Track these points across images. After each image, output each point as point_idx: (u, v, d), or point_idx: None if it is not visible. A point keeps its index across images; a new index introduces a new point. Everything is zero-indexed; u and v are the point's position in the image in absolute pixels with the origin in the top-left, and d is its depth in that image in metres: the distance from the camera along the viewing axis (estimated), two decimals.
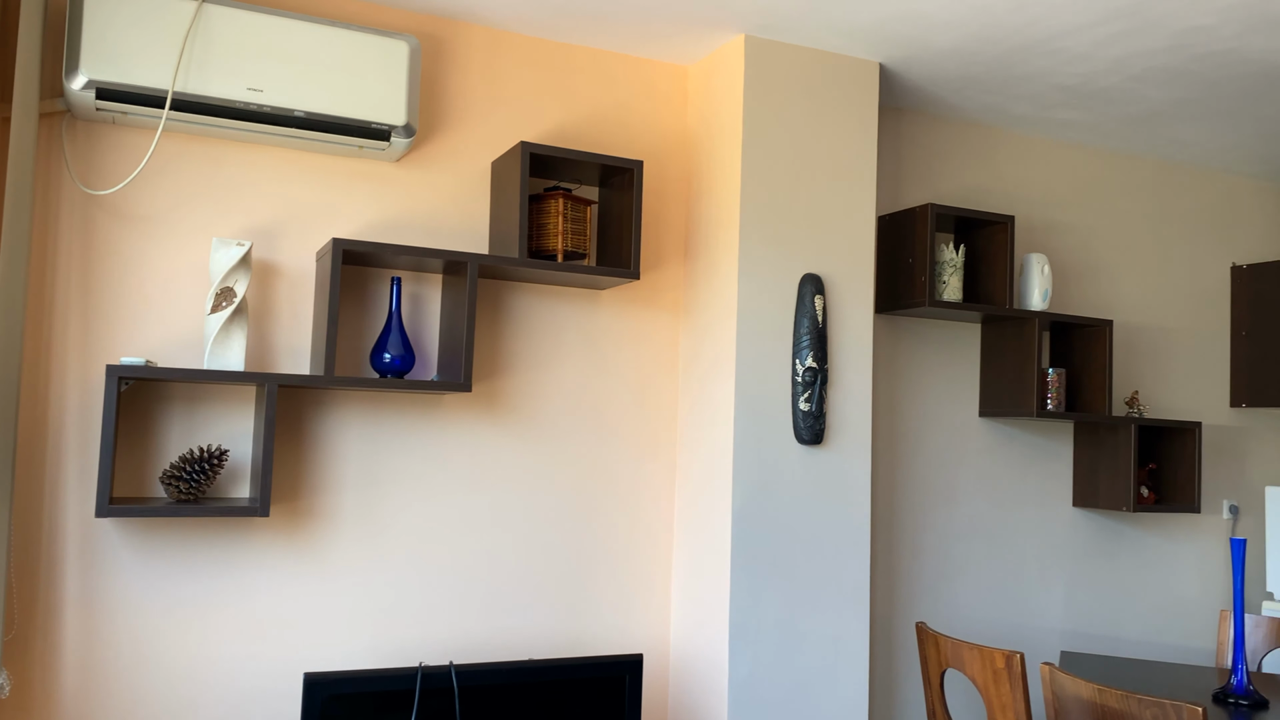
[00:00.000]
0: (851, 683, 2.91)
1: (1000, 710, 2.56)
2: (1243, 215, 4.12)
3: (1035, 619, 3.57)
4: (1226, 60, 2.91)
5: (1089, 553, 3.69)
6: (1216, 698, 2.70)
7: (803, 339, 2.87)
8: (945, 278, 3.25)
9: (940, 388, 3.46)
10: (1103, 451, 3.57)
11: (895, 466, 3.35)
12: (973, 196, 3.54)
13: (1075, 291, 3.72)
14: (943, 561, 3.42)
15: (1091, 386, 3.50)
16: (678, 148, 3.12)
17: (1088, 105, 3.33)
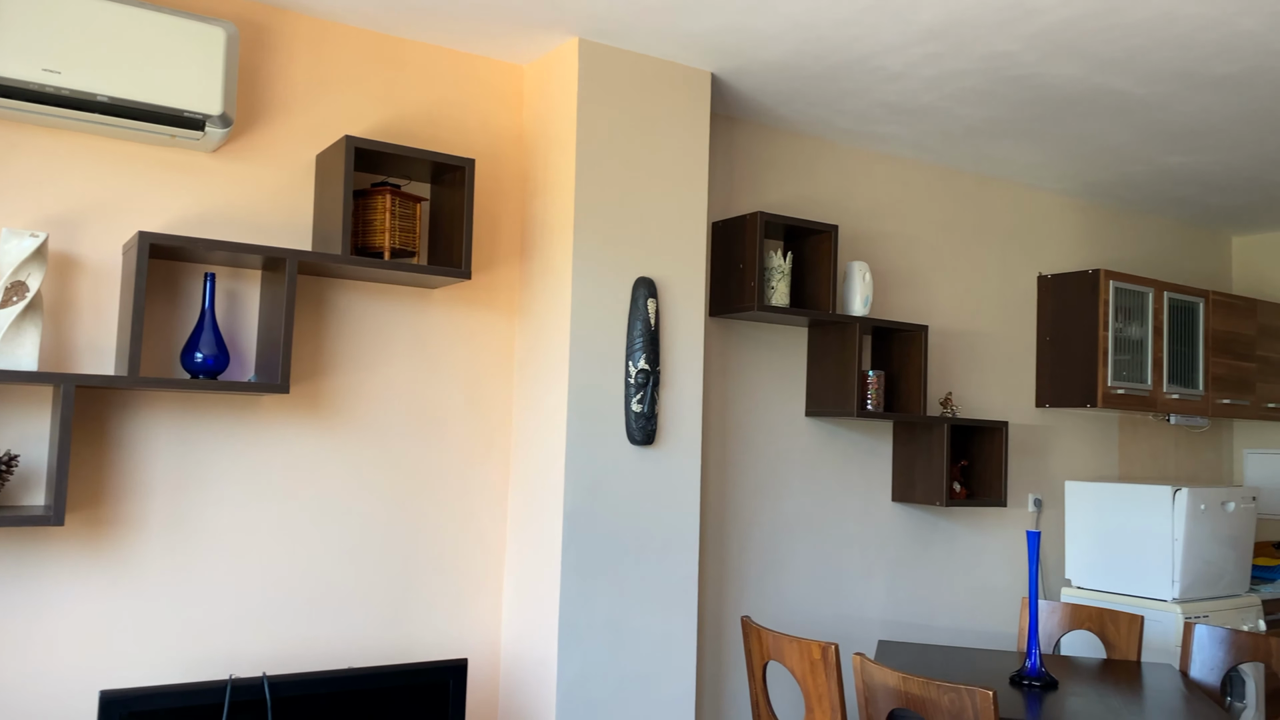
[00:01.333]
0: (679, 679, 2.97)
1: (817, 700, 2.67)
2: (1049, 228, 4.43)
3: (857, 610, 3.74)
4: (1030, 84, 3.11)
5: (907, 545, 3.89)
6: (1013, 680, 2.90)
7: (636, 341, 2.91)
8: (774, 283, 3.36)
9: (770, 388, 3.57)
10: (919, 449, 3.77)
11: (726, 465, 3.44)
12: (801, 205, 3.67)
13: (895, 298, 3.92)
14: (770, 556, 3.54)
15: (909, 388, 3.69)
16: (513, 147, 3.11)
17: (907, 121, 3.50)
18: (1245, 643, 3.08)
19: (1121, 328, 4.18)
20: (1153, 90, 3.12)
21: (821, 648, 2.63)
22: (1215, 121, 3.40)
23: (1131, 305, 4.22)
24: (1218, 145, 3.66)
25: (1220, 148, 3.69)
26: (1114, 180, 4.18)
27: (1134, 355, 4.22)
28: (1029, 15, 2.62)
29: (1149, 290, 4.27)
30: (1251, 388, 4.68)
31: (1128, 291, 4.20)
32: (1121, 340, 4.18)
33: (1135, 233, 4.76)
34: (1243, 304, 4.66)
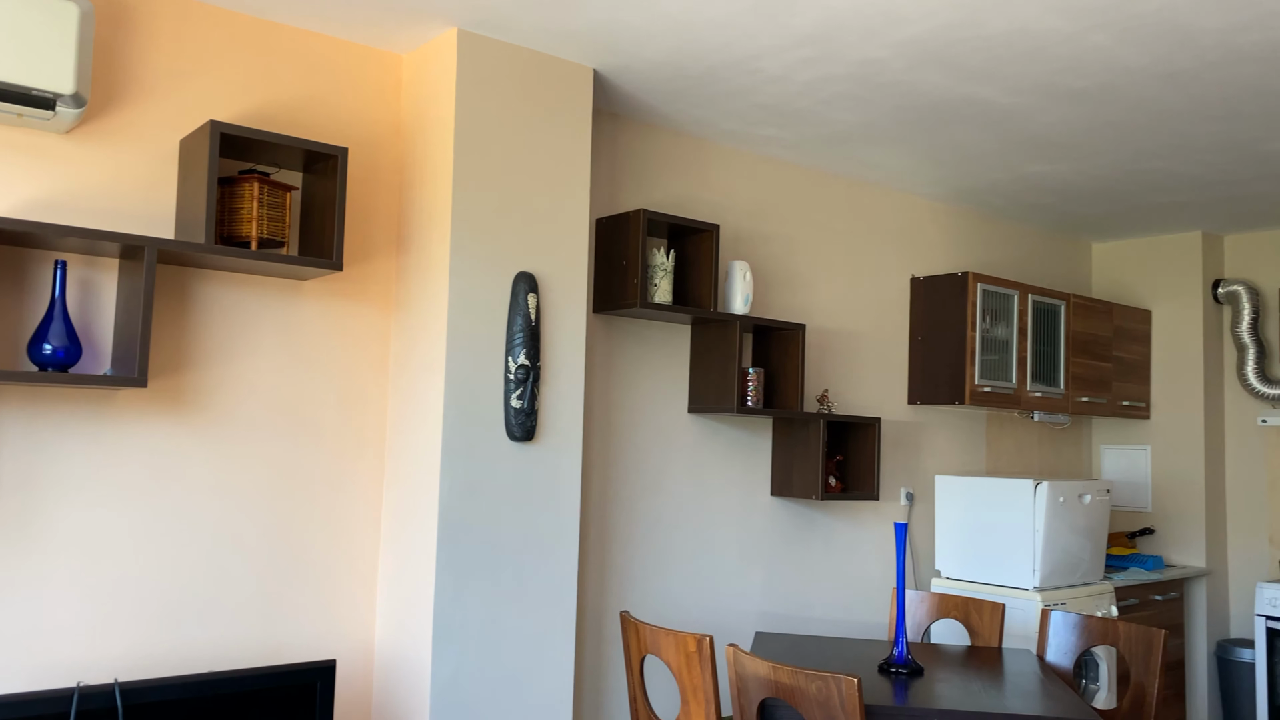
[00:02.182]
0: (557, 676, 2.97)
1: (692, 692, 2.70)
2: (922, 232, 4.59)
3: (736, 603, 3.80)
4: (900, 91, 3.22)
5: (785, 539, 3.97)
6: (881, 668, 2.99)
7: (516, 336, 2.89)
8: (657, 280, 3.39)
9: (653, 385, 3.60)
10: (797, 444, 3.86)
11: (608, 461, 3.45)
12: (685, 204, 3.71)
13: (775, 297, 4.00)
14: (652, 552, 3.56)
15: (787, 385, 3.77)
16: (390, 137, 3.05)
17: (786, 124, 3.58)
18: (1096, 627, 3.25)
19: (989, 328, 4.37)
20: (1015, 101, 3.27)
21: (697, 640, 2.66)
22: (1072, 133, 3.58)
23: (998, 307, 4.41)
24: (1075, 155, 3.86)
25: (1078, 158, 3.89)
26: (982, 187, 4.36)
27: (1000, 355, 4.41)
28: (897, 24, 2.71)
29: (1014, 293, 4.47)
30: (1108, 386, 4.94)
31: (995, 294, 4.39)
32: (989, 340, 4.36)
33: (1003, 238, 4.98)
34: (1101, 307, 4.92)
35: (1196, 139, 3.61)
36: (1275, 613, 4.42)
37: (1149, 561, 4.79)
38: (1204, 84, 3.07)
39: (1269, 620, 4.44)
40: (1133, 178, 4.14)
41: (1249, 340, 4.93)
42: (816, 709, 2.40)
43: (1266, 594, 4.46)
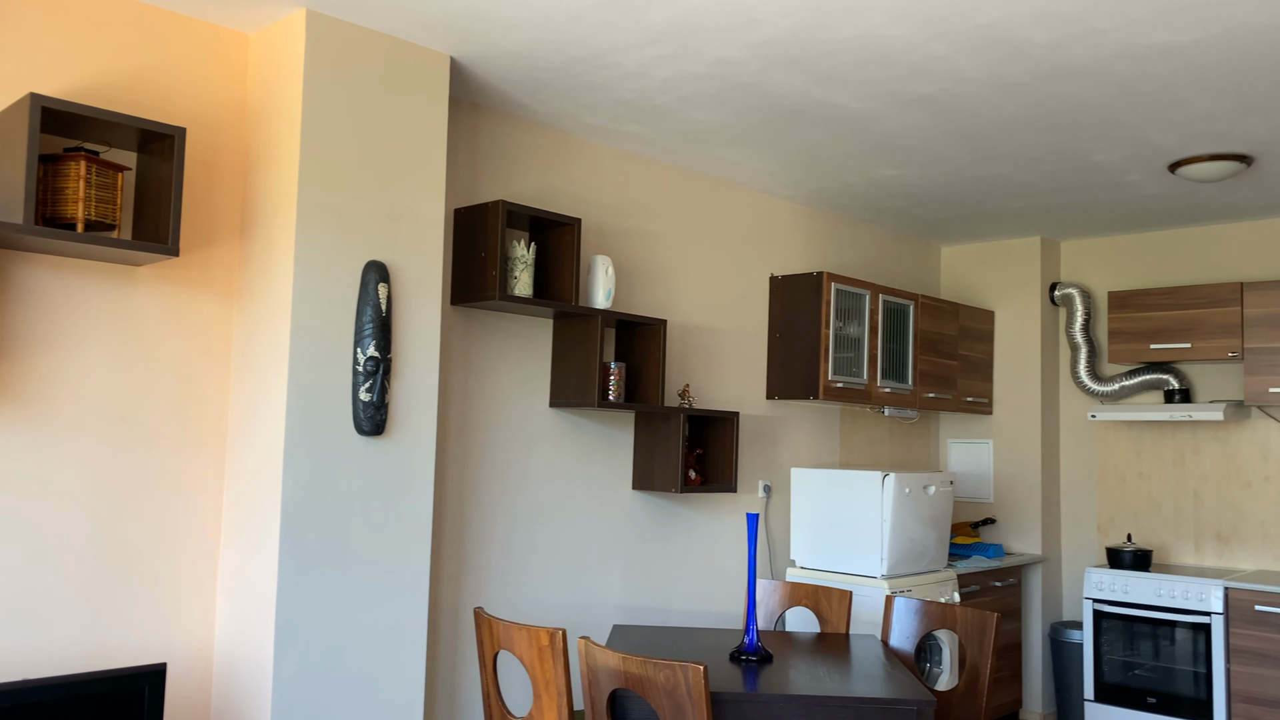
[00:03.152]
0: (408, 674, 2.91)
1: (544, 686, 2.69)
2: (781, 232, 4.71)
3: (597, 597, 3.82)
4: (755, 92, 3.29)
5: (646, 532, 4.01)
6: (732, 656, 3.05)
7: (365, 327, 2.82)
8: (517, 273, 3.36)
9: (514, 379, 3.57)
10: (658, 438, 3.90)
11: (466, 455, 3.41)
12: (547, 197, 3.70)
13: (638, 292, 4.03)
14: (511, 547, 3.54)
15: (649, 379, 3.80)
16: (234, 119, 2.92)
17: (648, 121, 3.61)
18: (935, 612, 3.40)
19: (842, 326, 4.51)
20: (865, 106, 3.39)
21: (549, 634, 2.65)
22: (919, 139, 3.74)
23: (851, 306, 4.56)
24: (923, 161, 4.03)
25: (925, 163, 4.06)
26: (837, 189, 4.50)
27: (852, 352, 4.56)
28: (751, 25, 2.77)
29: (866, 293, 4.63)
30: (953, 383, 5.18)
31: (848, 293, 4.54)
32: (842, 338, 4.51)
33: (858, 239, 5.15)
34: (947, 307, 5.15)
35: (1033, 148, 3.82)
36: (1101, 595, 4.73)
37: (990, 550, 5.04)
38: (1037, 96, 3.25)
39: (1096, 603, 4.75)
40: (976, 184, 4.35)
41: (1081, 340, 5.26)
42: (664, 698, 2.43)
43: (1094, 578, 4.76)
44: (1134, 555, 4.73)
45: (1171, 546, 5.05)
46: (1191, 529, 4.99)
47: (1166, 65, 2.96)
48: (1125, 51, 2.87)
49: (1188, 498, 5.01)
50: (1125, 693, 4.62)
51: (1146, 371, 5.04)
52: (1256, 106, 3.28)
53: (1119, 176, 4.16)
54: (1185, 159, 3.87)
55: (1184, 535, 5.01)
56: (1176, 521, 5.04)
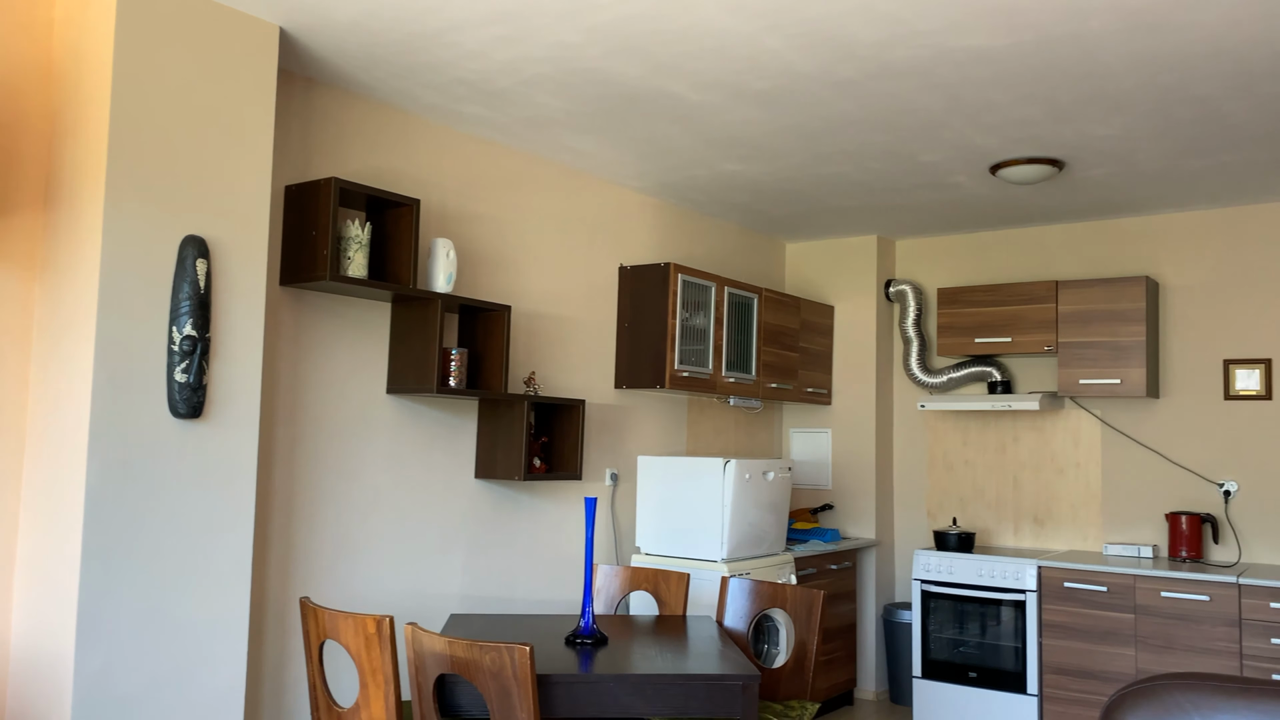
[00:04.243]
0: (228, 667, 2.79)
1: (371, 674, 2.63)
2: (630, 223, 4.74)
3: (437, 586, 3.75)
4: (597, 79, 3.30)
5: (489, 521, 3.97)
6: (568, 640, 3.06)
7: (182, 305, 2.68)
8: (350, 254, 3.27)
9: (350, 363, 3.47)
10: (501, 426, 3.87)
11: (298, 442, 3.29)
12: (388, 178, 3.61)
13: (484, 278, 3.98)
14: (345, 536, 3.44)
15: (492, 366, 3.76)
16: (39, 81, 2.73)
17: (491, 103, 3.57)
18: (767, 592, 3.50)
19: (689, 317, 4.59)
20: (704, 98, 3.45)
21: (376, 621, 2.59)
22: (758, 134, 3.83)
23: (698, 298, 4.64)
24: (762, 156, 4.13)
25: (766, 159, 4.17)
26: (684, 182, 4.57)
27: (699, 343, 4.65)
28: (587, 9, 2.77)
29: (712, 285, 4.72)
30: (795, 374, 5.35)
31: (694, 285, 4.61)
32: (688, 328, 4.58)
33: (706, 233, 5.25)
34: (790, 301, 5.31)
35: (866, 147, 3.97)
36: (929, 576, 4.97)
37: (827, 534, 5.23)
38: (867, 95, 3.38)
39: (923, 584, 4.99)
40: (815, 182, 4.50)
41: (913, 334, 5.51)
42: (490, 680, 2.41)
43: (922, 560, 5.00)
44: (959, 538, 4.99)
45: (994, 529, 5.35)
46: (1011, 512, 5.31)
47: (983, 69, 3.13)
48: (945, 54, 3.02)
49: (1008, 483, 5.32)
50: (950, 668, 4.87)
51: (972, 364, 5.32)
52: (1065, 113, 3.51)
53: (945, 177, 4.38)
54: (1004, 162, 4.11)
55: (1005, 518, 5.32)
56: (998, 505, 5.34)
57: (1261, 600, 4.15)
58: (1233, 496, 4.71)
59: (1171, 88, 3.25)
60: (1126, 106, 3.43)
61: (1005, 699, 4.70)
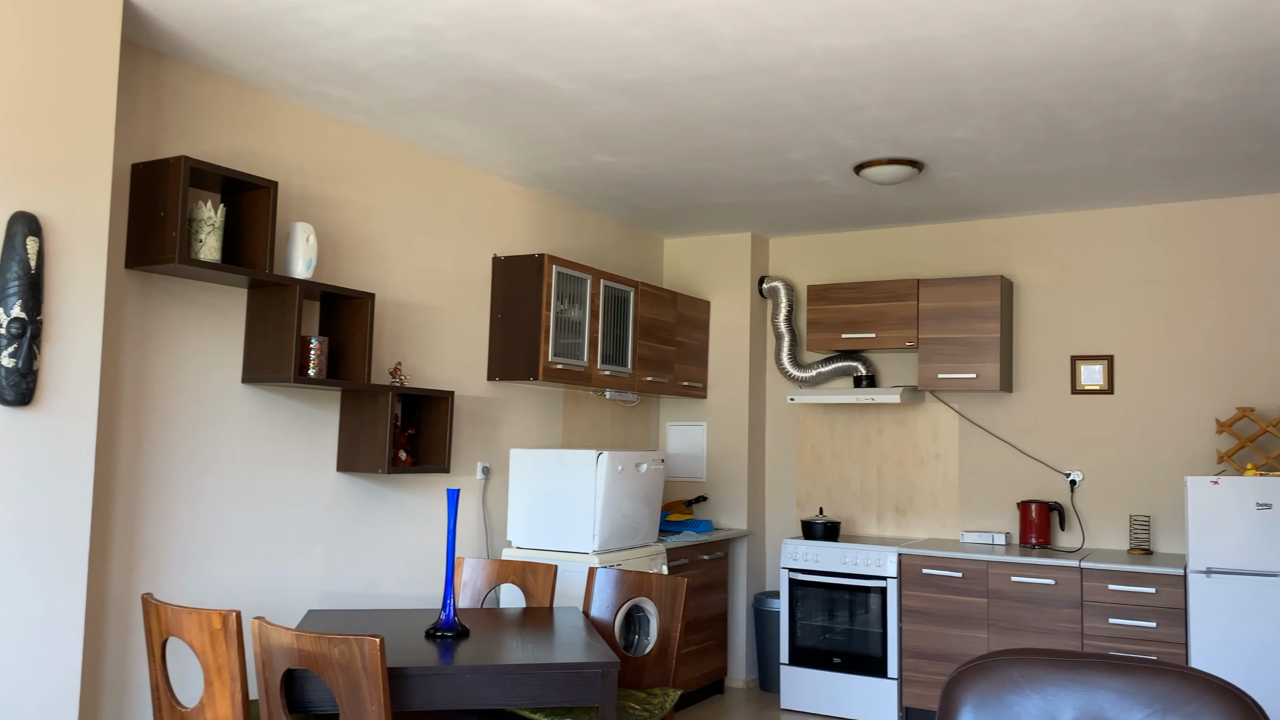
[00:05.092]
0: (62, 668, 2.64)
1: (216, 672, 2.53)
2: (505, 213, 4.70)
3: (296, 583, 3.64)
4: (463, 64, 3.25)
5: (352, 515, 3.87)
6: (428, 633, 3.01)
7: (10, 285, 2.52)
8: (202, 236, 3.14)
9: (203, 351, 3.33)
10: (365, 418, 3.78)
11: (144, 432, 3.14)
12: (243, 158, 3.48)
13: (348, 265, 3.88)
14: (197, 532, 3.30)
15: (355, 356, 3.67)
16: None
17: (355, 86, 3.48)
18: (632, 581, 3.52)
19: (564, 309, 4.58)
20: (573, 88, 3.44)
21: (221, 616, 2.50)
22: (629, 126, 3.85)
23: (573, 290, 4.63)
24: (635, 149, 4.15)
25: (637, 152, 4.19)
26: (559, 173, 4.56)
27: (574, 335, 4.64)
28: None
29: (588, 277, 4.72)
30: (671, 368, 5.40)
31: (570, 277, 4.61)
32: (563, 321, 4.57)
33: (584, 226, 5.24)
34: (666, 295, 5.35)
35: (734, 144, 4.04)
36: (796, 565, 5.09)
37: (700, 525, 5.30)
38: (733, 90, 3.44)
39: (791, 572, 5.11)
40: (689, 177, 4.55)
41: (785, 330, 5.63)
42: (339, 673, 2.36)
43: (790, 549, 5.12)
44: (824, 526, 5.13)
45: (858, 519, 5.52)
46: (875, 502, 5.48)
47: (842, 69, 3.22)
48: (805, 53, 3.09)
49: (872, 474, 5.50)
50: (816, 655, 5.00)
51: (840, 359, 5.48)
52: (922, 115, 3.64)
53: (813, 176, 4.49)
54: (867, 162, 4.24)
55: (869, 508, 5.50)
56: (863, 495, 5.52)
57: (1101, 583, 4.40)
58: (1078, 486, 4.98)
59: (1017, 93, 3.41)
60: (977, 110, 3.58)
61: (867, 683, 4.86)
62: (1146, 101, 3.45)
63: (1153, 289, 4.90)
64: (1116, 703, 2.17)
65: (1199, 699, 2.10)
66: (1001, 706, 2.27)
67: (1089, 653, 2.61)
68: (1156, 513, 4.81)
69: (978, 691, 2.33)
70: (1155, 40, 2.94)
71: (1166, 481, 4.79)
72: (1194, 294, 4.80)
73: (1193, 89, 3.32)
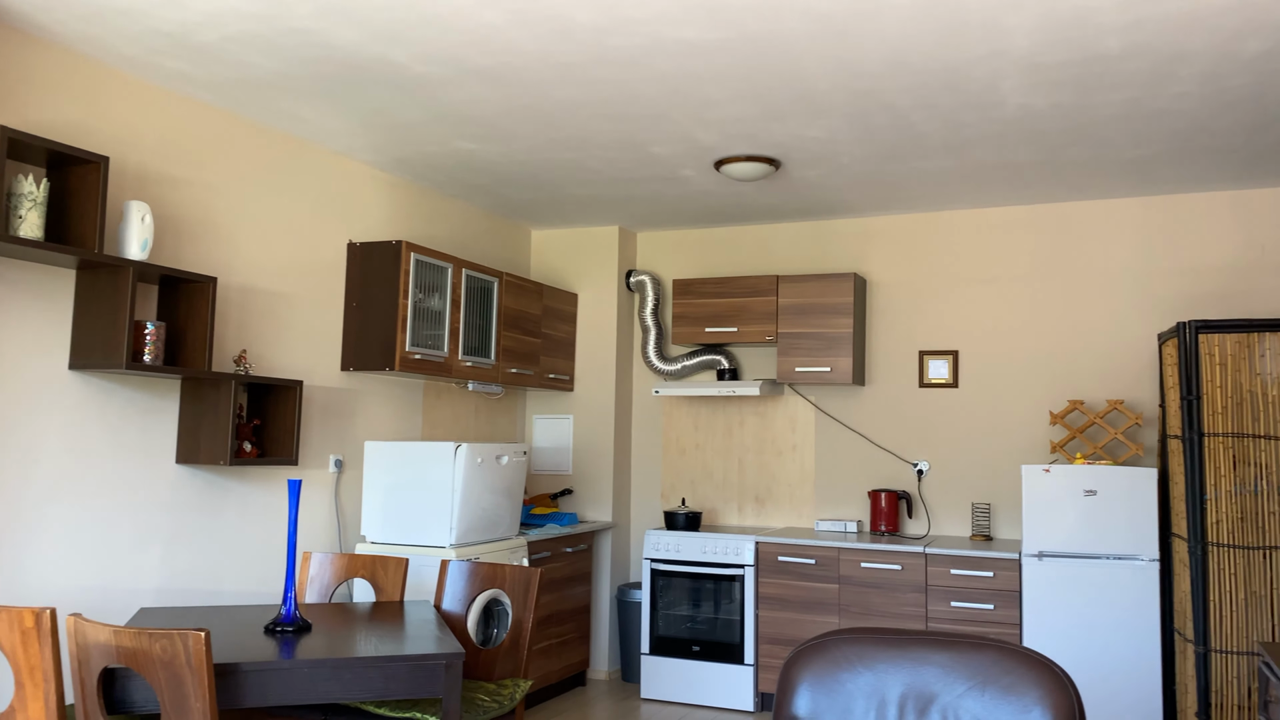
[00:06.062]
0: None
1: (29, 673, 2.38)
2: (362, 198, 4.58)
3: (129, 581, 3.45)
4: (313, 41, 3.15)
5: (193, 509, 3.70)
6: (267, 629, 2.90)
7: None
8: (22, 212, 2.94)
9: (24, 335, 3.12)
10: (207, 407, 3.62)
11: None
12: (72, 131, 3.28)
13: (189, 247, 3.71)
14: (16, 528, 3.09)
15: (195, 342, 3.51)
16: None
17: (196, 60, 3.32)
18: (485, 573, 3.48)
19: (423, 298, 4.49)
20: (429, 70, 3.38)
21: (35, 614, 2.35)
22: (489, 113, 3.80)
23: (433, 279, 4.55)
24: (496, 136, 4.10)
25: (499, 139, 4.14)
26: (418, 159, 4.46)
27: (434, 325, 4.56)
28: None
29: (449, 266, 4.65)
30: (537, 360, 5.37)
31: (429, 265, 4.52)
32: (422, 310, 4.48)
33: (448, 214, 5.16)
34: (532, 287, 5.32)
35: (596, 135, 4.04)
36: (658, 555, 5.14)
37: (565, 518, 5.29)
38: (591, 80, 3.44)
39: (653, 563, 5.15)
40: (552, 167, 4.53)
41: (651, 323, 5.68)
42: (161, 670, 2.25)
43: (652, 539, 5.17)
44: (686, 517, 5.19)
45: (720, 509, 5.62)
46: (736, 493, 5.59)
47: (697, 62, 3.26)
48: (660, 44, 3.11)
49: (734, 465, 5.60)
50: (676, 644, 5.06)
51: (704, 353, 5.56)
52: (776, 112, 3.72)
53: (675, 170, 4.53)
54: (726, 158, 4.31)
55: (730, 499, 5.60)
56: (725, 486, 5.61)
57: (944, 568, 4.60)
58: (925, 475, 5.20)
59: (866, 94, 3.52)
60: (829, 110, 3.68)
61: (725, 670, 4.95)
62: (984, 106, 3.62)
63: (994, 288, 5.15)
64: (942, 677, 2.27)
65: (1015, 671, 2.21)
66: (835, 684, 2.35)
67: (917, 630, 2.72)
68: (996, 500, 5.06)
69: (813, 670, 2.39)
70: (989, 46, 3.08)
71: (1005, 471, 5.05)
72: (1031, 293, 5.07)
73: (1025, 95, 3.50)
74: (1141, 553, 4.25)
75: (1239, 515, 3.97)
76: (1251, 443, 3.97)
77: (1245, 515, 3.97)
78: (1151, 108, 3.59)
